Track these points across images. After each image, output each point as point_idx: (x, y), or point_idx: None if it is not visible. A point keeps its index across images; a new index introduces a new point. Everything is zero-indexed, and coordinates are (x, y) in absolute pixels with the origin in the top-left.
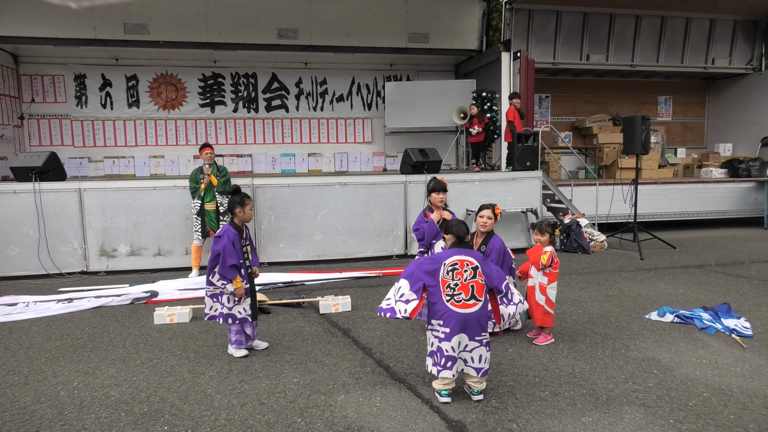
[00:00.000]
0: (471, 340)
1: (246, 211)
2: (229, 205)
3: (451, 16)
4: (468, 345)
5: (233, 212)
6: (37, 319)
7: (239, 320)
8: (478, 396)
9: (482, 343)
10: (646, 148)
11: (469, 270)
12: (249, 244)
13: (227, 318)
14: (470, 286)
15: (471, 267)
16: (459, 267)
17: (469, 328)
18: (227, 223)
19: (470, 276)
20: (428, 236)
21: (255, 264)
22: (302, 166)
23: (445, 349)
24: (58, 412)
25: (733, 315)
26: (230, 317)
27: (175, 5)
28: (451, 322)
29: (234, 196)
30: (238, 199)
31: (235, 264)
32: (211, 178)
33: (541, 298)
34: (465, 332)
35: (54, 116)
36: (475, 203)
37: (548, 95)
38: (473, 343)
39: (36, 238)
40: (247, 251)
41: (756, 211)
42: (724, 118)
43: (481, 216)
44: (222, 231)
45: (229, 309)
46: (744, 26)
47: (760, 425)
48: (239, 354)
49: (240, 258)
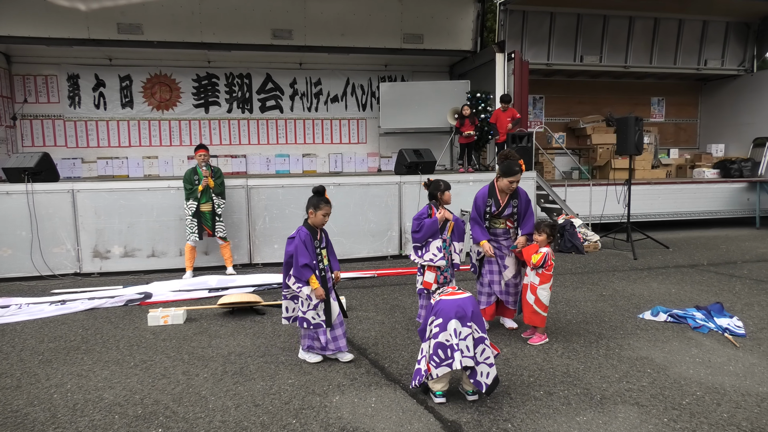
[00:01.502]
0: (464, 326)
1: (317, 215)
2: (307, 205)
3: (446, 17)
4: (462, 332)
5: (306, 212)
6: (30, 321)
7: (313, 326)
8: (473, 396)
9: (472, 333)
10: (639, 149)
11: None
12: (325, 247)
13: (302, 322)
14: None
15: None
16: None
17: (460, 312)
18: (301, 225)
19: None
20: (426, 232)
21: (335, 268)
22: (297, 166)
23: (443, 340)
24: (51, 415)
25: (725, 314)
26: (304, 321)
27: (169, 5)
28: (443, 310)
29: (311, 197)
30: (314, 201)
31: (307, 263)
32: (208, 180)
33: (531, 297)
34: (457, 317)
35: (47, 117)
36: (470, 204)
37: (542, 96)
38: (466, 329)
39: (29, 239)
40: (321, 255)
41: (748, 211)
42: (717, 119)
43: (510, 182)
44: (295, 231)
45: (303, 313)
46: (736, 28)
47: (752, 423)
48: (312, 359)
49: (313, 258)
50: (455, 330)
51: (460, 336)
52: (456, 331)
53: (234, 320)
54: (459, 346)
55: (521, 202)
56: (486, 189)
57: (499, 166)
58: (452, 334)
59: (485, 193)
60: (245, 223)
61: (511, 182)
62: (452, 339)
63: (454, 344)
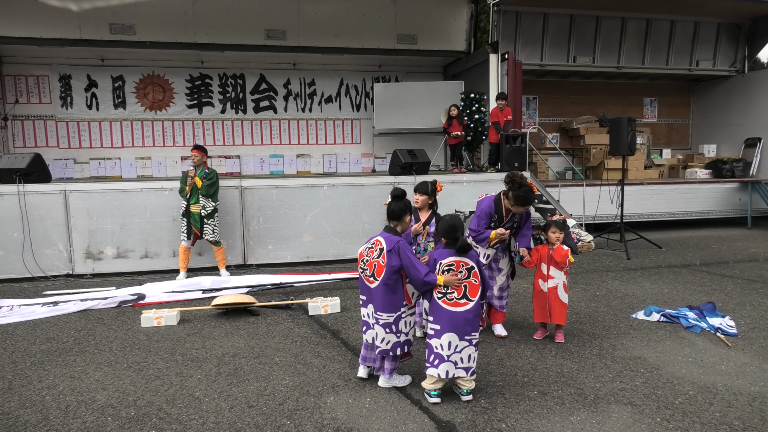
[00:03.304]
0: (461, 340)
1: (401, 224)
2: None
3: (440, 17)
4: (458, 345)
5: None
6: (22, 322)
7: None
8: (467, 396)
9: (471, 343)
10: (632, 149)
11: (463, 271)
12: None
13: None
14: (463, 286)
15: (466, 268)
16: (455, 267)
17: (459, 327)
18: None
19: (464, 276)
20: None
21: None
22: (291, 167)
23: (434, 345)
24: (43, 417)
25: (718, 314)
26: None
27: (161, 6)
28: (442, 320)
29: (390, 202)
30: (394, 208)
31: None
32: (196, 180)
33: (564, 296)
34: (455, 331)
35: (38, 117)
36: (464, 204)
37: (536, 97)
38: (463, 342)
39: (20, 240)
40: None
41: (740, 211)
42: (708, 120)
43: (526, 209)
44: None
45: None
46: (727, 29)
47: (744, 422)
48: (405, 381)
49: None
50: (450, 343)
51: (456, 349)
52: (450, 344)
53: (228, 321)
54: (451, 358)
55: (522, 216)
56: (491, 203)
57: (514, 194)
58: (444, 344)
59: (491, 208)
60: (239, 223)
61: (526, 209)
62: (443, 350)
63: (444, 355)
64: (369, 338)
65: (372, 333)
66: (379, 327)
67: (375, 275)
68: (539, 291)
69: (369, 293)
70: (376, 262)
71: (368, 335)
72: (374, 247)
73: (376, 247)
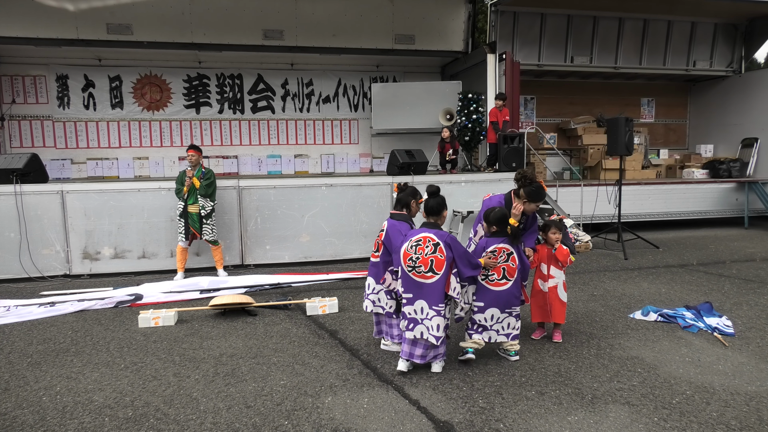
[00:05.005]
0: (502, 313)
1: (440, 218)
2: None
3: (437, 17)
4: (500, 317)
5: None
6: (19, 323)
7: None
8: (515, 357)
9: (511, 314)
10: (629, 150)
11: (504, 255)
12: None
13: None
14: (502, 269)
15: (506, 253)
16: (422, 243)
17: (501, 302)
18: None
19: (503, 260)
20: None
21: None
22: (288, 167)
23: (477, 319)
24: (40, 417)
25: (715, 314)
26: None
27: (158, 6)
28: (486, 298)
29: (428, 199)
30: (433, 204)
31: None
32: (194, 180)
33: (564, 294)
34: (497, 306)
35: (35, 117)
36: (462, 204)
37: (533, 97)
38: (504, 314)
39: (17, 241)
40: None
41: (737, 211)
42: (705, 120)
43: (537, 205)
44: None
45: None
46: (724, 29)
47: (741, 422)
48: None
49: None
50: (492, 316)
51: (498, 320)
52: (493, 317)
53: (225, 321)
54: (493, 327)
55: (529, 217)
56: (502, 199)
57: (526, 190)
58: (488, 318)
59: (501, 204)
60: (237, 224)
61: (537, 206)
62: (486, 323)
63: (488, 325)
64: (417, 334)
65: (420, 328)
66: (434, 319)
67: (434, 269)
68: (538, 291)
69: (420, 289)
70: (434, 257)
71: (416, 331)
72: (423, 244)
73: (427, 243)
